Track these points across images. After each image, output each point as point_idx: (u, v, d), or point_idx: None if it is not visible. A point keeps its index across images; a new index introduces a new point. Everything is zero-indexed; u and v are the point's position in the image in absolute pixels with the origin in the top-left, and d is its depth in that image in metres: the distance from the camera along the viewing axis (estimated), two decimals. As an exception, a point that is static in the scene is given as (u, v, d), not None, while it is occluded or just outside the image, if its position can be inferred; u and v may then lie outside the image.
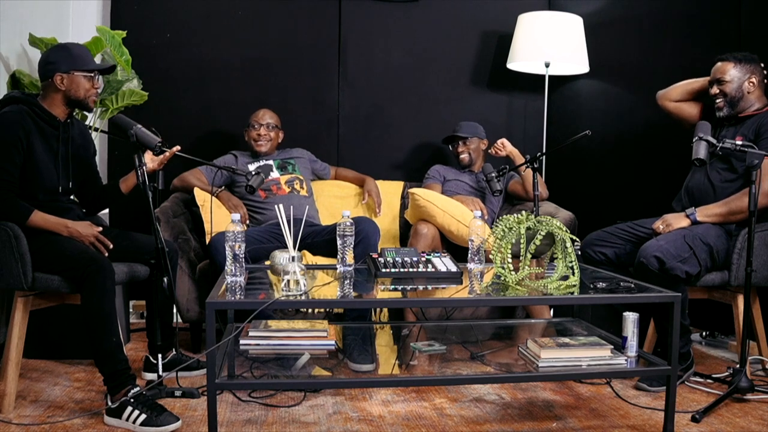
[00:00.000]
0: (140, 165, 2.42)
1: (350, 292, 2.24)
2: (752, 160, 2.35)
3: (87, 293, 2.22)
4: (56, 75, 2.40)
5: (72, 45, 2.51)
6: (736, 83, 2.70)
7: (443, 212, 3.15)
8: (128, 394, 2.17)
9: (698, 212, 2.65)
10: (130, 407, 2.15)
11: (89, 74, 2.45)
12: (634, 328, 2.18)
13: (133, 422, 2.14)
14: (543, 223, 2.26)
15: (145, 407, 2.15)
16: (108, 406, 2.19)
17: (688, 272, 2.53)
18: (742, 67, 2.71)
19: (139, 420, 2.13)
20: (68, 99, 2.44)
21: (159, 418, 2.13)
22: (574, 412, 2.38)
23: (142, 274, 2.61)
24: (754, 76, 2.70)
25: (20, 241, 2.25)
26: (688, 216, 2.65)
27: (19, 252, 2.25)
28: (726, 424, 2.25)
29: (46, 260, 2.29)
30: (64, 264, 2.28)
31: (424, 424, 2.24)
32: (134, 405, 2.15)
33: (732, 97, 2.71)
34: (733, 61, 2.72)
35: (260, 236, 3.05)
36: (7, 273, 2.27)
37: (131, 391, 2.18)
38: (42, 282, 2.30)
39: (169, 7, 3.68)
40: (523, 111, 4.08)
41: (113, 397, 2.19)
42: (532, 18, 3.69)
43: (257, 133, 3.40)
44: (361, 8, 3.87)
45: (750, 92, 2.71)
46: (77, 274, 2.24)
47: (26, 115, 2.38)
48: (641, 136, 3.60)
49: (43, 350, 2.91)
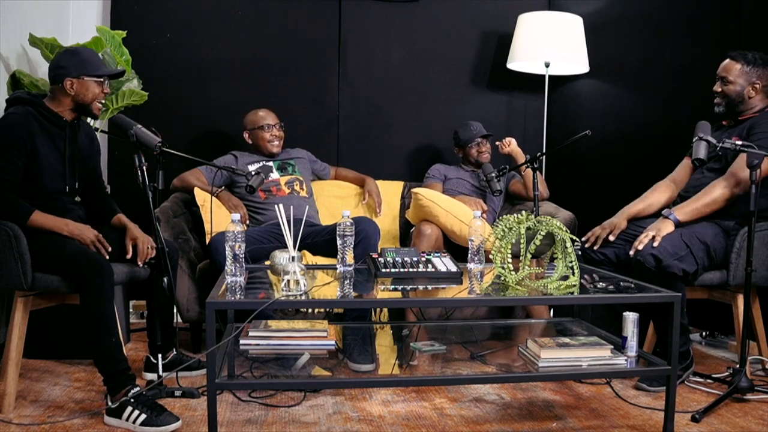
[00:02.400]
0: (140, 165, 2.42)
1: (350, 292, 2.24)
2: (752, 160, 2.35)
3: (86, 294, 2.22)
4: (66, 80, 2.40)
5: (83, 50, 2.52)
6: (739, 86, 2.68)
7: (446, 212, 3.15)
8: (128, 394, 2.17)
9: (675, 211, 2.64)
10: (130, 407, 2.15)
11: (99, 79, 2.45)
12: (634, 328, 2.18)
13: (133, 422, 2.14)
14: (543, 223, 2.26)
15: (145, 407, 2.15)
16: (108, 406, 2.19)
17: (685, 270, 2.53)
18: (750, 69, 2.67)
19: (139, 420, 2.13)
20: (76, 104, 2.45)
21: (159, 418, 2.13)
22: (574, 412, 2.38)
23: (142, 275, 2.61)
24: (759, 81, 2.67)
25: (20, 240, 2.25)
26: (668, 217, 2.63)
27: (18, 252, 2.25)
28: (726, 424, 2.25)
29: (46, 260, 2.29)
30: (63, 264, 2.28)
31: (424, 424, 2.24)
32: (134, 405, 2.15)
33: (731, 100, 2.70)
34: (741, 62, 2.68)
35: (260, 236, 3.05)
36: (7, 273, 2.27)
37: (131, 392, 2.18)
38: (42, 282, 2.30)
39: (169, 7, 3.68)
40: (523, 111, 4.08)
41: (113, 397, 2.19)
42: (532, 18, 3.69)
43: (271, 134, 3.41)
44: (361, 8, 3.87)
45: (751, 97, 2.69)
46: (76, 275, 2.25)
47: (31, 116, 2.38)
48: (641, 136, 3.60)
49: (43, 350, 2.91)
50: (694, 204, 2.64)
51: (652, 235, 2.55)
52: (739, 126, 2.71)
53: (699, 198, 2.64)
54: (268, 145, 3.42)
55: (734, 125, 2.75)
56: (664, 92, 3.52)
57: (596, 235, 2.80)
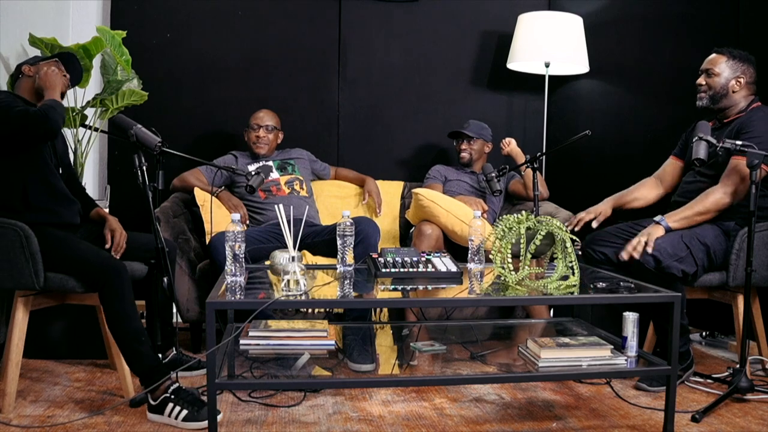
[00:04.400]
0: (140, 165, 2.43)
1: (350, 292, 2.24)
2: (752, 160, 2.35)
3: (108, 301, 2.26)
4: (24, 66, 2.51)
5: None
6: (723, 79, 2.69)
7: (447, 212, 3.15)
8: (168, 389, 2.20)
9: (667, 218, 2.64)
10: (171, 403, 2.18)
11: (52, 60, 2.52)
12: (634, 328, 2.18)
13: (175, 418, 2.16)
14: (543, 223, 2.26)
15: (186, 402, 2.18)
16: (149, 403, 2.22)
17: (684, 271, 2.53)
18: (734, 63, 2.69)
19: (181, 415, 2.16)
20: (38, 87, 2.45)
21: (200, 413, 2.16)
22: (574, 412, 2.38)
23: (139, 273, 2.61)
24: (743, 76, 2.69)
25: (31, 240, 2.25)
26: (659, 223, 2.63)
27: (30, 251, 2.25)
28: (726, 424, 2.25)
29: (58, 261, 2.31)
30: (78, 267, 2.31)
31: (424, 424, 2.24)
32: (174, 401, 2.18)
33: (716, 92, 2.71)
34: (726, 56, 2.71)
35: (260, 236, 3.05)
36: (17, 273, 2.27)
37: (170, 388, 2.20)
38: (55, 282, 2.31)
39: (169, 7, 3.68)
40: (523, 111, 4.08)
41: (153, 395, 2.21)
42: (532, 18, 3.69)
43: (256, 135, 3.40)
44: (361, 8, 3.87)
45: (735, 91, 2.70)
46: (94, 279, 2.29)
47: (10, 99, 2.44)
48: (641, 136, 3.60)
49: (43, 350, 2.91)
50: (687, 212, 2.64)
51: (644, 241, 2.56)
52: (726, 128, 2.71)
53: (692, 206, 2.65)
54: (252, 145, 3.42)
55: (720, 127, 2.74)
56: (664, 92, 3.52)
57: (579, 219, 2.83)
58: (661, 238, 2.57)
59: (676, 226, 2.62)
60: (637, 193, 2.97)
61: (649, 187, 2.97)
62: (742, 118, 2.67)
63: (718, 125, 2.76)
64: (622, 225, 2.87)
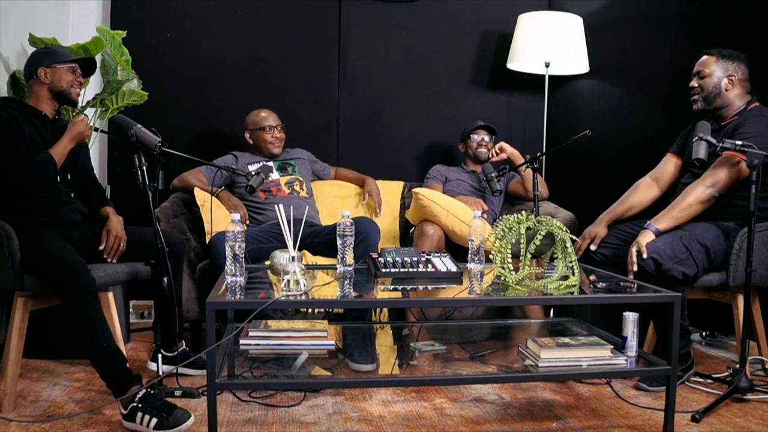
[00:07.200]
0: (140, 165, 2.43)
1: (350, 292, 2.24)
2: (752, 160, 2.35)
3: (67, 303, 2.21)
4: (40, 69, 2.48)
5: (53, 45, 2.61)
6: (714, 79, 2.69)
7: (447, 212, 3.15)
8: (135, 398, 2.12)
9: (654, 222, 2.63)
10: (139, 413, 2.09)
11: (71, 65, 2.52)
12: (634, 328, 2.18)
13: (146, 426, 2.08)
14: (543, 223, 2.26)
15: (154, 410, 2.09)
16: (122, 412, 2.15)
17: (685, 273, 2.53)
18: (724, 62, 2.69)
19: (152, 424, 2.08)
20: (53, 92, 2.50)
21: (170, 420, 2.07)
22: (574, 412, 2.38)
23: (144, 274, 2.61)
24: (734, 74, 2.69)
25: (11, 240, 2.24)
26: (647, 228, 2.62)
27: (9, 251, 2.25)
28: (726, 424, 2.25)
29: (32, 262, 2.29)
30: (43, 269, 2.28)
31: (424, 424, 2.24)
32: (143, 410, 2.09)
33: (708, 93, 2.71)
34: (716, 56, 2.71)
35: (260, 236, 3.05)
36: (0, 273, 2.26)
37: (137, 394, 2.12)
38: (29, 283, 2.30)
39: (169, 7, 3.68)
40: (523, 111, 4.08)
41: (118, 398, 2.16)
42: (532, 18, 3.69)
43: (272, 136, 3.41)
44: (361, 8, 3.87)
45: (728, 90, 2.69)
46: (53, 281, 2.25)
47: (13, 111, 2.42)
48: (641, 136, 3.60)
49: (43, 350, 2.91)
50: (672, 212, 2.64)
51: (635, 251, 2.56)
52: (722, 130, 2.69)
53: (675, 204, 2.65)
54: (269, 146, 3.42)
55: (717, 129, 2.74)
56: (663, 92, 3.52)
57: (578, 248, 2.82)
58: (659, 240, 2.56)
59: (665, 227, 2.61)
60: (631, 201, 2.91)
61: (642, 190, 2.93)
62: (738, 119, 2.67)
63: (715, 126, 2.75)
64: (622, 225, 2.88)
